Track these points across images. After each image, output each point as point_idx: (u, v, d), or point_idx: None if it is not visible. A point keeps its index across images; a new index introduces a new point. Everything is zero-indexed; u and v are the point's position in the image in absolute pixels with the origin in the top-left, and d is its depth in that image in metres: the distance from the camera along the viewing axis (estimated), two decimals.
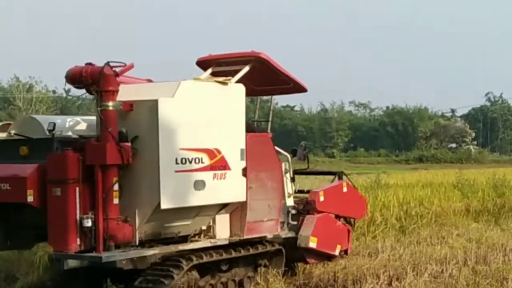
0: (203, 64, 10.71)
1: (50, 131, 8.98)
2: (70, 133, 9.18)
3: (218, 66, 10.50)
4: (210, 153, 9.25)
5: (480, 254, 12.30)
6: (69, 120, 9.44)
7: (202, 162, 9.11)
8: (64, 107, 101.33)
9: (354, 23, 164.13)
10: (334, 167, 61.81)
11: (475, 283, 9.84)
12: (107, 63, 8.78)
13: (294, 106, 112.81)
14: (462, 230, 15.50)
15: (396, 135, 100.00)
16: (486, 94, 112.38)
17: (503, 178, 20.76)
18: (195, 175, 9.00)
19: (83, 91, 8.89)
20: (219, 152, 9.36)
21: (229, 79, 9.75)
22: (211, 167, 9.21)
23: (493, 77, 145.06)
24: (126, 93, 8.88)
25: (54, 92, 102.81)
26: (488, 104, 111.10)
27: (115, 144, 8.60)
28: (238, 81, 9.86)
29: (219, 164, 9.35)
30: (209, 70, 10.40)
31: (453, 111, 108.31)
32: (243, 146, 9.73)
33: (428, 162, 73.35)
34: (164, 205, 8.67)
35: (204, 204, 9.27)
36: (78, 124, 9.44)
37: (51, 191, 8.65)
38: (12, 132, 9.57)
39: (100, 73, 8.65)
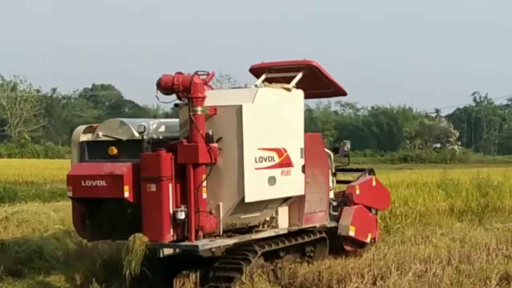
0: (256, 71, 11.82)
1: (140, 133, 10.03)
2: (154, 135, 10.16)
3: (271, 73, 11.54)
4: (279, 152, 10.45)
5: (463, 253, 12.42)
6: (151, 123, 10.36)
7: (273, 160, 10.34)
8: (49, 106, 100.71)
9: (339, 22, 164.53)
10: None
11: (458, 282, 9.94)
12: (196, 73, 9.88)
13: None
14: (446, 229, 15.59)
15: (381, 135, 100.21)
16: (473, 94, 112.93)
17: (487, 178, 20.87)
18: (268, 172, 10.24)
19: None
20: (285, 151, 10.56)
21: (292, 86, 10.91)
22: (279, 165, 10.44)
23: (480, 77, 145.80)
24: (208, 98, 9.91)
25: (38, 91, 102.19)
26: (473, 104, 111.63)
27: (205, 144, 9.69)
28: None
29: (285, 162, 10.55)
30: (263, 77, 11.46)
31: (437, 111, 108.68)
32: (302, 145, 10.88)
33: (412, 162, 73.65)
34: (248, 199, 9.90)
35: (276, 197, 10.57)
36: (160, 126, 10.41)
37: (146, 187, 9.62)
38: (100, 133, 10.47)
39: (191, 81, 9.75)
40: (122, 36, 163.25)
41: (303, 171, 10.89)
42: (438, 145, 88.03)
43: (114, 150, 10.23)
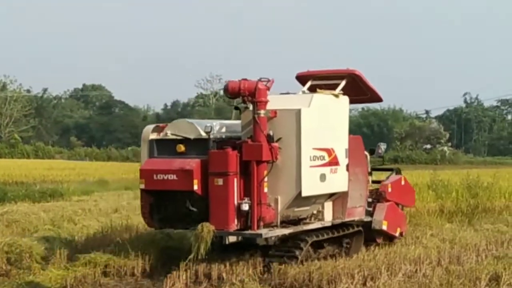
0: (302, 78, 12.96)
1: (207, 132, 11.15)
2: (218, 135, 11.33)
3: (315, 80, 12.63)
4: (329, 152, 11.67)
5: (453, 254, 12.44)
6: (215, 124, 11.50)
7: (324, 159, 11.55)
8: (40, 106, 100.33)
9: (331, 23, 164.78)
10: None
11: (448, 283, 9.95)
12: (259, 79, 11.08)
13: None
14: (436, 230, 15.64)
15: (372, 136, 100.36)
16: (464, 95, 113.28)
17: (476, 179, 20.94)
18: (320, 170, 11.47)
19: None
20: (333, 151, 11.77)
21: (341, 93, 12.09)
22: (329, 163, 11.66)
23: (469, 78, 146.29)
24: (269, 102, 11.10)
25: (28, 91, 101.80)
26: (464, 105, 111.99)
27: (267, 144, 10.88)
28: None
29: (333, 161, 11.78)
30: (308, 84, 12.65)
31: (427, 112, 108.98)
32: (347, 146, 12.08)
33: (403, 163, 73.71)
34: (304, 193, 11.15)
35: (325, 193, 11.83)
36: (222, 127, 11.59)
37: (214, 181, 10.82)
38: (168, 132, 11.63)
39: (256, 87, 10.97)
40: (113, 36, 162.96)
41: (347, 169, 12.10)
42: (428, 146, 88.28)
43: (181, 148, 11.37)
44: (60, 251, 11.85)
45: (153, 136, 11.74)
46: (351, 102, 12.55)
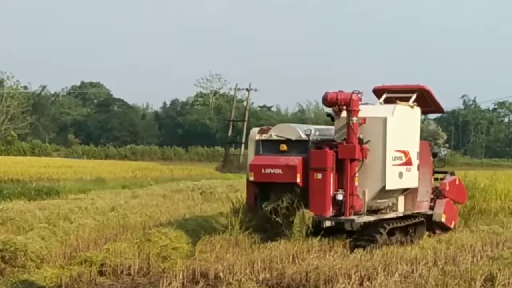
0: (378, 92, 15.06)
1: (307, 135, 13.61)
2: (314, 137, 13.65)
3: (389, 94, 14.76)
4: (405, 153, 13.95)
5: (449, 254, 12.47)
6: (311, 128, 13.90)
7: (402, 160, 13.85)
8: (37, 103, 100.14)
9: (335, 25, 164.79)
10: None
11: (444, 283, 9.97)
12: (353, 92, 13.37)
13: (271, 107, 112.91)
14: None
15: None
16: (462, 97, 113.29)
17: (473, 180, 20.93)
18: (399, 168, 13.79)
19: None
20: (408, 153, 14.02)
21: (415, 104, 14.40)
22: (405, 163, 13.92)
23: (468, 80, 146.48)
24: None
25: (25, 88, 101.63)
26: (462, 107, 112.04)
27: (359, 145, 13.18)
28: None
29: (408, 161, 14.01)
30: (384, 96, 14.81)
31: (424, 113, 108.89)
32: (418, 150, 14.36)
33: None
34: (388, 187, 13.58)
35: (402, 188, 14.09)
36: (316, 131, 13.86)
37: (313, 175, 13.16)
38: (273, 134, 13.95)
39: (350, 98, 13.27)
40: (112, 34, 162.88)
41: (418, 169, 14.33)
42: None
43: (284, 147, 13.70)
44: (55, 250, 11.83)
45: (259, 137, 14.08)
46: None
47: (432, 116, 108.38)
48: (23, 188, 23.89)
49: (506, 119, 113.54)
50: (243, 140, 63.07)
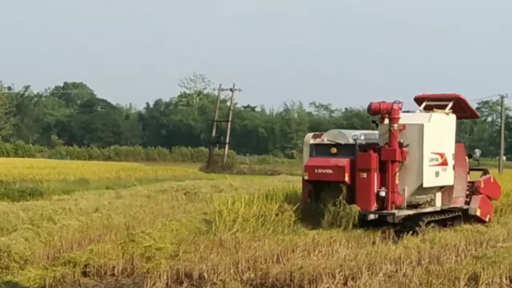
0: (418, 100, 17.10)
1: (355, 140, 15.68)
2: (360, 142, 15.72)
3: (429, 102, 16.76)
4: (441, 155, 16.00)
5: (433, 254, 12.51)
6: (358, 134, 15.99)
7: (438, 161, 15.89)
8: (21, 104, 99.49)
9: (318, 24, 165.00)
10: (294, 168, 62.14)
11: (428, 282, 10.00)
12: (394, 102, 15.48)
13: (255, 107, 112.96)
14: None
15: None
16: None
17: None
18: (435, 168, 15.86)
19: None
20: (444, 155, 16.06)
21: (450, 111, 16.44)
22: (441, 164, 15.95)
23: (451, 80, 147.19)
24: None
25: (9, 88, 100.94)
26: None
27: (399, 148, 15.27)
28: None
29: (444, 162, 16.05)
30: (423, 104, 16.84)
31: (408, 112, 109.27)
32: (453, 152, 16.36)
33: None
34: (425, 185, 15.67)
35: (438, 185, 16.16)
36: (361, 136, 15.91)
37: (360, 175, 15.32)
38: (325, 139, 16.15)
39: (391, 108, 15.39)
40: (95, 34, 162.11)
41: (453, 168, 16.33)
42: None
43: (334, 150, 15.85)
44: (39, 251, 11.74)
45: (313, 141, 16.27)
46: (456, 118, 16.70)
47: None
48: (7, 189, 23.67)
49: (490, 118, 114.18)
50: (227, 140, 63.07)
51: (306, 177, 15.99)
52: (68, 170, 40.02)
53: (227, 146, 62.89)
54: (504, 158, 64.38)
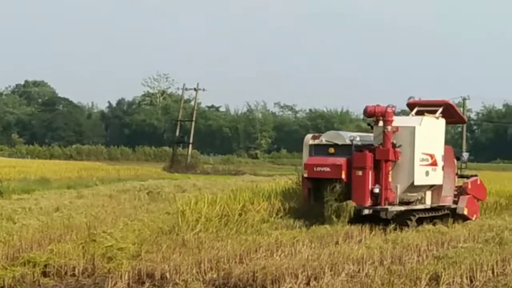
0: (411, 105, 18.44)
1: (351, 140, 16.82)
2: (356, 142, 16.82)
3: (420, 107, 17.85)
4: (431, 156, 16.99)
5: (395, 254, 12.59)
6: (354, 135, 17.24)
7: (428, 161, 16.92)
8: None
9: (283, 27, 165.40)
10: (258, 168, 62.25)
11: (389, 282, 10.05)
12: (388, 105, 16.65)
13: (219, 107, 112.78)
14: (379, 230, 15.84)
15: None
16: (409, 99, 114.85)
17: None
18: (425, 168, 16.89)
19: None
20: (434, 156, 17.07)
21: (440, 116, 17.47)
22: (431, 164, 16.98)
23: (415, 81, 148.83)
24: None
25: None
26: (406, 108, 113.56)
27: (392, 149, 16.38)
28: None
29: (434, 163, 17.06)
30: (415, 109, 17.88)
31: None
32: (443, 153, 17.37)
33: None
34: (416, 183, 16.69)
35: (428, 184, 17.16)
36: (357, 137, 17.12)
37: (355, 173, 16.39)
38: (323, 139, 17.34)
39: (385, 111, 16.55)
40: (57, 32, 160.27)
41: (442, 169, 17.33)
42: None
43: (332, 150, 16.97)
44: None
45: (312, 141, 17.43)
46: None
47: None
48: None
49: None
50: (191, 140, 62.82)
51: (305, 175, 17.14)
52: (29, 169, 39.45)
53: (190, 146, 62.63)
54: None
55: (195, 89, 66.27)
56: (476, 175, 19.43)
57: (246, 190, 19.34)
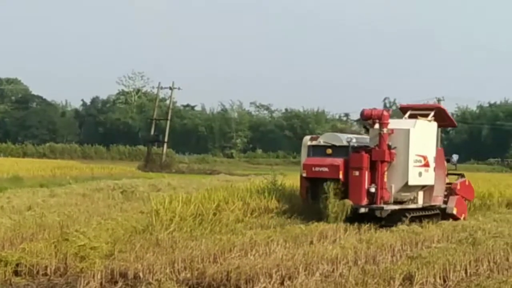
0: (403, 109, 19.10)
1: (348, 142, 17.57)
2: (353, 144, 17.62)
3: (413, 111, 18.54)
4: (424, 158, 17.69)
5: (369, 254, 12.61)
6: (351, 137, 17.99)
7: (421, 162, 17.62)
8: None
9: (259, 26, 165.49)
10: (233, 168, 62.18)
11: (363, 282, 10.06)
12: (384, 109, 17.19)
13: (194, 106, 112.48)
14: (353, 230, 15.87)
15: (294, 138, 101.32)
16: (384, 100, 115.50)
17: None
18: (419, 169, 17.59)
19: None
20: (426, 157, 17.76)
21: (432, 119, 18.21)
22: (424, 165, 17.68)
23: (390, 82, 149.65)
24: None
25: None
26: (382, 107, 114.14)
27: (388, 150, 17.07)
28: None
29: (426, 164, 17.76)
30: (408, 113, 18.56)
31: (346, 115, 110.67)
32: (434, 155, 18.12)
33: None
34: (410, 183, 17.41)
35: (421, 184, 17.89)
36: (353, 139, 17.79)
37: (352, 173, 17.12)
38: (321, 141, 18.05)
39: (382, 114, 17.29)
40: (29, 29, 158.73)
41: (434, 170, 18.04)
42: None
43: (329, 151, 17.68)
44: None
45: (310, 143, 18.14)
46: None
47: (355, 117, 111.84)
48: None
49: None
50: (166, 139, 62.58)
51: (304, 174, 17.80)
52: (1, 167, 39.05)
53: (165, 145, 62.38)
54: None
55: (170, 88, 66.15)
56: (462, 175, 20.14)
57: (221, 189, 19.30)
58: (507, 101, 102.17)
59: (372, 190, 17.00)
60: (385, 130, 17.18)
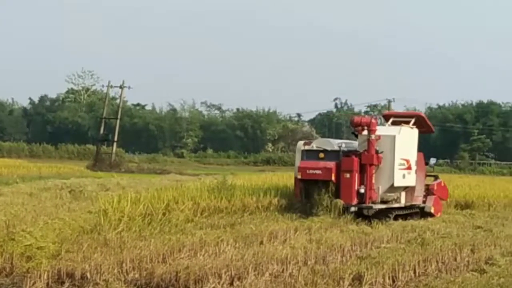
0: (386, 116, 21.41)
1: (339, 147, 19.34)
2: (343, 148, 19.34)
3: (395, 118, 20.66)
4: (407, 161, 19.46)
5: (319, 254, 12.63)
6: (341, 142, 19.84)
7: (405, 165, 19.36)
8: None
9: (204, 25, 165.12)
10: (183, 167, 61.87)
11: (313, 282, 10.08)
12: (372, 117, 20.77)
13: (145, 105, 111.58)
14: (303, 230, 15.88)
15: (246, 138, 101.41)
16: (334, 100, 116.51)
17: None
18: (403, 171, 19.34)
19: None
20: (409, 161, 19.54)
21: (414, 126, 20.06)
22: (407, 168, 19.43)
23: (341, 83, 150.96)
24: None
25: None
26: (334, 110, 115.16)
27: (376, 155, 18.76)
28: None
29: (409, 167, 19.52)
30: (391, 120, 20.56)
31: (299, 115, 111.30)
32: (416, 159, 19.88)
33: (275, 165, 75.05)
34: (395, 184, 19.12)
35: (404, 185, 19.60)
36: (342, 144, 19.59)
37: (344, 175, 18.71)
38: (314, 146, 19.70)
39: (370, 121, 19.07)
40: None
41: (415, 173, 19.79)
42: None
43: (322, 155, 19.32)
44: None
45: (303, 147, 19.73)
46: None
47: (306, 117, 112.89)
48: None
49: (378, 122, 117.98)
50: (116, 138, 61.91)
51: (299, 176, 19.30)
52: None
53: (115, 144, 61.71)
54: None
55: (120, 87, 65.38)
56: (437, 177, 21.91)
57: (171, 189, 19.16)
58: (455, 103, 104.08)
59: (362, 190, 18.59)
60: (373, 136, 18.81)
